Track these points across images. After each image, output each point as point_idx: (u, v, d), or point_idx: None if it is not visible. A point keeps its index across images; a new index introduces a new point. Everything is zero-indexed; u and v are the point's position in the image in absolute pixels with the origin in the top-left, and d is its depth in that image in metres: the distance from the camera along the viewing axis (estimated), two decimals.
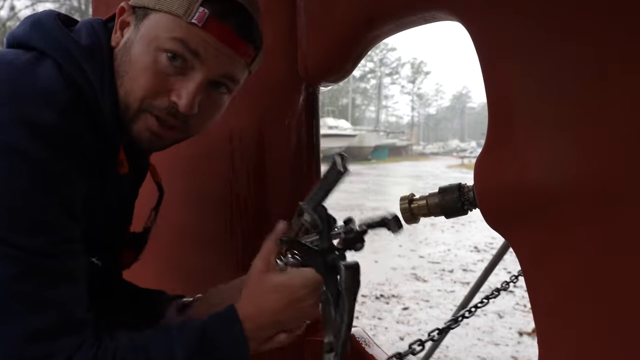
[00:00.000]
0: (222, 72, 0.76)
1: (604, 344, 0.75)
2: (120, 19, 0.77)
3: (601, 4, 0.73)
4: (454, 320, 1.13)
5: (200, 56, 0.73)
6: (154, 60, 0.73)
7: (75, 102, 0.69)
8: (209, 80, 0.75)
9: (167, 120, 0.75)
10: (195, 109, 0.75)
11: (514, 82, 0.82)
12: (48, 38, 0.72)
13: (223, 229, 1.20)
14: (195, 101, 0.74)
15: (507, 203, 0.82)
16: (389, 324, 4.06)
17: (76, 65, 0.71)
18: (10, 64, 0.69)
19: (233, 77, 0.78)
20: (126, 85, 0.74)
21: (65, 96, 0.68)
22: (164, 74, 0.73)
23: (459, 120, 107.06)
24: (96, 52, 0.73)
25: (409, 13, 1.00)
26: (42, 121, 0.63)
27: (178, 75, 0.74)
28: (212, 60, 0.74)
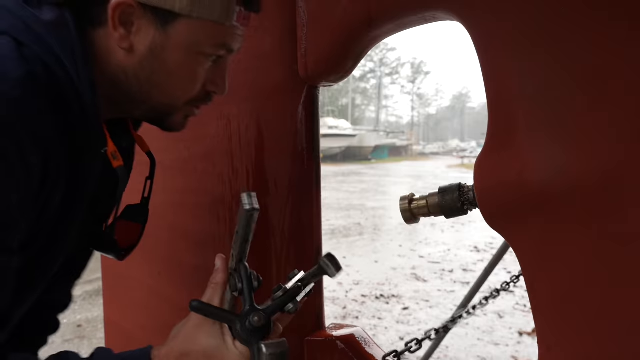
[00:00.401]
0: (237, 49, 0.78)
1: (604, 344, 0.75)
2: (120, 14, 0.67)
3: (601, 4, 0.73)
4: (452, 320, 1.13)
5: (232, 47, 0.76)
6: (198, 67, 0.73)
7: (34, 81, 0.61)
8: None
9: (203, 102, 0.79)
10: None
11: (514, 82, 0.82)
12: (5, 16, 0.65)
13: (223, 229, 1.20)
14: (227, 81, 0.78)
15: (507, 203, 0.82)
16: (389, 324, 4.07)
17: (41, 42, 0.64)
18: None
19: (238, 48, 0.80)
20: (168, 92, 0.74)
21: (20, 73, 0.60)
22: (204, 72, 0.75)
23: (459, 120, 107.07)
24: (61, 27, 0.66)
25: (409, 13, 1.00)
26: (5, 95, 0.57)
27: (211, 66, 0.76)
28: (237, 44, 0.76)
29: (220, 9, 0.69)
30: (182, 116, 0.79)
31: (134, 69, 0.71)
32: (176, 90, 0.74)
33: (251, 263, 1.20)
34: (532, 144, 0.79)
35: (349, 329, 1.22)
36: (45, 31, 0.64)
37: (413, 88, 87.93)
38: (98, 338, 3.57)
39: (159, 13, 0.68)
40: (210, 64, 0.74)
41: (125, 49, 0.70)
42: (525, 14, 0.80)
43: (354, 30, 1.06)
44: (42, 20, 0.65)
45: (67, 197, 0.68)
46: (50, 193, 0.64)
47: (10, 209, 0.58)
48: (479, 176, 0.85)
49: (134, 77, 0.72)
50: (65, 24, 0.66)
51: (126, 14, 0.67)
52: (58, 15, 0.66)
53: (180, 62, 0.71)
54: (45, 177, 0.62)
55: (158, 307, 1.23)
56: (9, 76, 0.59)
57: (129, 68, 0.71)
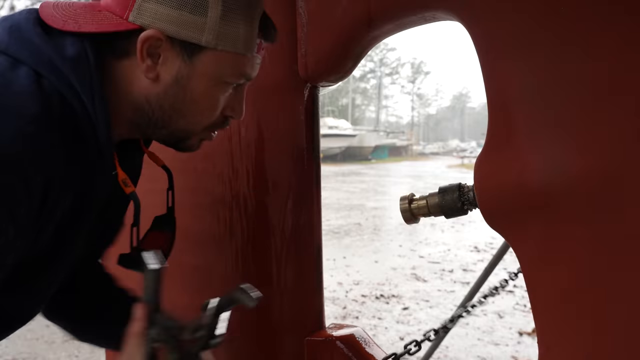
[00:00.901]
0: (254, 76, 0.82)
1: (604, 344, 0.76)
2: (148, 47, 0.71)
3: (601, 3, 0.73)
4: (451, 320, 1.13)
5: (251, 76, 0.80)
6: (220, 95, 0.77)
7: (49, 116, 0.64)
8: None
9: (220, 126, 0.83)
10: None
11: (513, 82, 0.82)
12: (28, 47, 0.67)
13: (223, 229, 1.20)
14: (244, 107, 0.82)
15: (507, 203, 0.82)
16: (389, 324, 4.07)
17: (60, 76, 0.66)
18: None
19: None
20: (189, 118, 0.77)
21: (36, 109, 0.63)
22: (225, 100, 0.79)
23: (459, 120, 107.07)
24: (81, 62, 0.68)
25: (409, 13, 1.00)
26: (2, 134, 0.59)
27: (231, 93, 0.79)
28: (255, 73, 0.80)
29: (243, 42, 0.74)
30: (198, 139, 0.82)
31: (158, 96, 0.75)
32: (197, 117, 0.78)
33: (251, 263, 1.20)
34: (532, 144, 0.79)
35: (349, 329, 1.22)
36: (66, 66, 0.67)
37: (413, 88, 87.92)
38: None
39: (186, 45, 0.72)
40: (230, 92, 0.79)
41: (151, 79, 0.73)
42: (525, 14, 0.80)
43: (354, 30, 1.06)
44: (63, 55, 0.68)
45: (72, 222, 0.71)
46: (50, 221, 0.67)
47: (6, 245, 0.61)
48: (479, 176, 0.85)
49: (156, 104, 0.75)
50: (86, 58, 0.69)
51: (154, 46, 0.71)
52: (79, 49, 0.69)
53: (204, 91, 0.75)
54: (48, 208, 0.65)
55: None
56: (25, 112, 0.62)
57: (153, 96, 0.75)
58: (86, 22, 0.71)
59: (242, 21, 0.74)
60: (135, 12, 0.70)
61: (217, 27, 0.71)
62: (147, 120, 0.77)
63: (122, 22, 0.70)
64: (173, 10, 0.70)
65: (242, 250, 1.20)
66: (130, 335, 0.74)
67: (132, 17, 0.70)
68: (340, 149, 33.08)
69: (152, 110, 0.76)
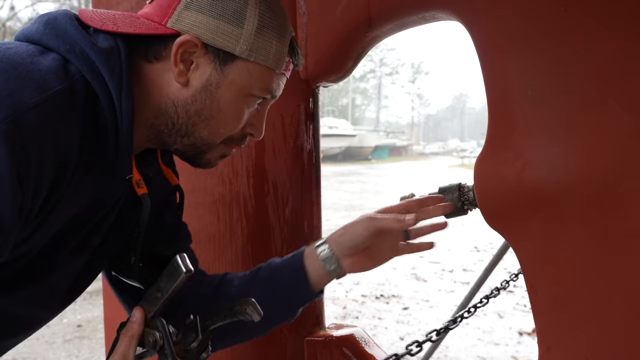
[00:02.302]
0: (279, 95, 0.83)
1: (604, 344, 0.76)
2: (183, 52, 0.72)
3: (601, 3, 0.73)
4: (453, 320, 1.13)
5: (275, 94, 0.81)
6: (244, 107, 0.78)
7: (69, 96, 0.63)
8: None
9: (239, 143, 0.82)
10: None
11: (513, 82, 0.82)
12: (62, 36, 0.69)
13: (223, 229, 1.20)
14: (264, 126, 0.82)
15: (507, 203, 0.82)
16: (389, 324, 4.07)
17: (91, 66, 0.67)
18: (10, 48, 0.64)
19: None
20: (212, 127, 0.77)
21: (59, 86, 0.62)
22: (249, 115, 0.79)
23: (459, 120, 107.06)
24: (113, 56, 0.70)
25: (409, 13, 1.00)
26: (23, 100, 0.58)
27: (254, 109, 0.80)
28: (279, 92, 0.82)
29: (274, 57, 0.76)
30: (217, 155, 0.82)
31: (185, 102, 0.75)
32: (220, 127, 0.77)
33: (251, 263, 1.20)
34: (531, 144, 0.79)
35: (349, 329, 1.22)
36: (97, 57, 0.68)
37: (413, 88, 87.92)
38: (98, 338, 3.57)
39: (219, 53, 0.74)
40: (255, 106, 0.79)
41: (181, 84, 0.74)
42: (525, 14, 0.80)
43: (354, 30, 1.06)
44: (96, 47, 0.69)
45: (80, 214, 0.70)
46: (55, 211, 0.66)
47: (6, 219, 0.58)
48: (479, 176, 0.85)
49: (182, 110, 0.76)
50: (117, 53, 0.70)
51: (188, 52, 0.73)
52: (112, 44, 0.70)
53: (231, 100, 0.76)
54: (56, 194, 0.64)
55: None
56: (47, 86, 0.61)
57: (180, 101, 0.75)
58: (124, 24, 0.73)
59: (275, 38, 0.76)
60: (175, 19, 0.72)
61: (252, 39, 0.74)
62: (171, 126, 0.77)
63: (159, 27, 0.73)
64: (211, 19, 0.72)
65: (242, 250, 1.20)
66: (125, 335, 0.74)
67: (171, 23, 0.73)
68: (340, 149, 33.08)
69: (177, 115, 0.76)
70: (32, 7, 28.95)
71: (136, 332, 0.74)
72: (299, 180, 1.22)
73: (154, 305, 0.75)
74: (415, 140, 59.17)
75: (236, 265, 1.20)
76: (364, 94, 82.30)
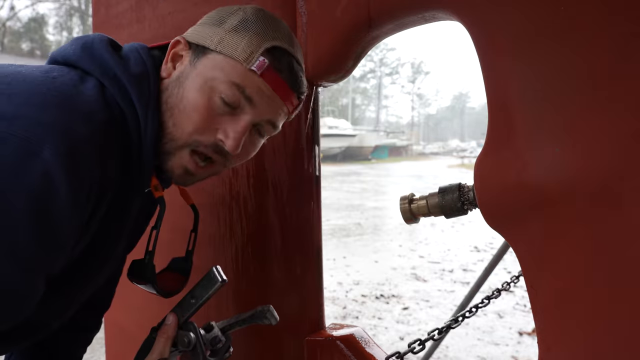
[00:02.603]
0: (268, 118, 0.80)
1: (604, 344, 0.76)
2: (174, 50, 0.80)
3: (601, 4, 0.73)
4: (455, 320, 1.13)
5: (253, 102, 0.78)
6: (208, 99, 0.76)
7: (110, 125, 0.70)
8: (254, 123, 0.79)
9: (211, 155, 0.79)
10: (239, 149, 0.78)
11: (513, 82, 0.82)
12: (98, 62, 0.74)
13: (223, 229, 1.20)
14: (241, 142, 0.78)
15: (507, 203, 0.82)
16: (389, 324, 4.07)
17: (123, 91, 0.73)
18: (56, 79, 0.69)
19: (275, 123, 0.83)
20: (176, 118, 0.77)
21: (103, 117, 0.69)
22: (215, 113, 0.77)
23: (459, 120, 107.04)
24: (143, 80, 0.76)
25: (409, 13, 1.00)
26: (75, 134, 0.63)
27: (227, 115, 0.77)
28: (263, 106, 0.78)
29: (242, 49, 0.77)
30: (179, 162, 0.78)
31: (163, 94, 0.79)
32: (184, 116, 0.76)
33: (251, 263, 1.20)
34: (531, 143, 0.79)
35: (349, 329, 1.22)
36: (130, 82, 0.74)
37: (413, 88, 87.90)
38: (98, 338, 3.56)
39: (197, 49, 0.79)
40: (224, 108, 0.76)
41: (164, 77, 0.80)
42: (525, 14, 0.80)
43: (354, 30, 1.06)
44: (128, 72, 0.75)
45: (110, 228, 0.77)
46: (92, 227, 0.72)
47: (61, 237, 0.65)
48: (479, 176, 0.85)
49: (164, 102, 0.79)
50: (147, 77, 0.77)
51: (177, 53, 0.80)
52: (143, 69, 0.77)
53: (194, 89, 0.76)
54: (97, 213, 0.70)
55: (158, 307, 1.22)
56: (94, 118, 0.68)
57: (164, 94, 0.79)
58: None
59: (248, 37, 0.77)
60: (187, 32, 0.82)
61: (224, 34, 0.78)
62: (164, 128, 0.80)
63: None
64: (200, 26, 0.81)
65: (242, 250, 1.20)
66: (161, 337, 0.82)
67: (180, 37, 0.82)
68: (340, 149, 33.09)
69: (165, 112, 0.79)
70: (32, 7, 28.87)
71: (171, 334, 0.83)
72: (299, 180, 1.22)
73: (187, 310, 0.84)
74: (415, 140, 59.17)
75: (236, 265, 1.20)
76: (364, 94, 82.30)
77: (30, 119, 0.61)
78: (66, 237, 0.65)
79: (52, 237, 0.63)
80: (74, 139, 0.63)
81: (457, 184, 0.92)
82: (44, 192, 0.60)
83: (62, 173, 0.60)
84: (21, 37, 36.88)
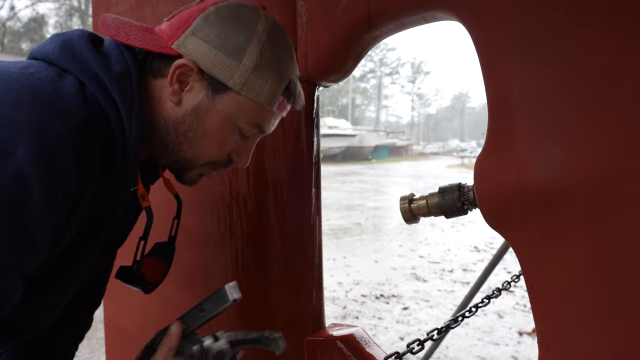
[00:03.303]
0: (270, 131, 0.86)
1: (604, 344, 0.75)
2: (179, 73, 0.77)
3: (601, 4, 0.73)
4: (454, 319, 1.13)
5: (265, 130, 0.84)
6: (229, 136, 0.81)
7: (89, 122, 0.69)
8: None
9: (223, 168, 0.86)
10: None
11: (513, 82, 0.82)
12: (78, 60, 0.73)
13: (223, 229, 1.20)
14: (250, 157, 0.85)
15: (507, 203, 0.82)
16: (389, 324, 4.07)
17: (104, 90, 0.72)
18: (32, 75, 0.68)
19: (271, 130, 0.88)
20: (196, 150, 0.81)
21: (82, 114, 0.68)
22: (234, 144, 0.83)
23: (459, 120, 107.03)
24: (125, 79, 0.75)
25: (408, 13, 1.00)
26: (50, 132, 0.63)
27: (240, 139, 0.83)
28: (270, 127, 0.85)
29: (266, 94, 0.79)
30: (197, 174, 0.86)
31: (175, 121, 0.79)
32: (204, 150, 0.81)
33: (251, 263, 1.20)
34: (531, 144, 0.79)
35: (349, 329, 1.22)
36: (111, 81, 0.73)
37: (413, 88, 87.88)
38: (98, 338, 3.56)
39: (214, 82, 0.78)
40: (240, 137, 0.82)
41: (174, 102, 0.78)
42: (525, 14, 0.80)
43: (354, 30, 1.06)
44: (110, 70, 0.74)
45: (90, 226, 0.76)
46: (73, 228, 0.72)
47: (37, 237, 0.64)
48: (479, 176, 0.85)
49: (172, 127, 0.80)
50: (129, 77, 0.75)
51: (185, 74, 0.77)
52: (124, 68, 0.75)
53: (217, 128, 0.80)
54: (77, 212, 0.69)
55: (158, 307, 1.23)
56: (72, 115, 0.66)
57: (171, 119, 0.79)
58: (136, 38, 0.78)
59: (271, 78, 0.79)
60: (180, 41, 0.77)
61: (247, 75, 0.77)
62: (160, 141, 0.81)
63: (165, 46, 0.77)
64: (213, 50, 0.76)
65: (242, 250, 1.20)
66: (165, 346, 0.82)
67: (176, 45, 0.77)
68: (340, 149, 33.09)
69: (167, 132, 0.80)
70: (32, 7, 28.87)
71: (174, 345, 0.82)
72: (299, 180, 1.22)
73: (195, 322, 0.84)
74: (415, 140, 59.16)
75: (236, 265, 1.20)
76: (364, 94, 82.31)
77: (3, 117, 0.60)
78: (42, 237, 0.64)
79: (26, 236, 0.62)
80: (48, 137, 0.62)
81: (457, 184, 0.92)
82: (16, 192, 0.59)
83: (35, 172, 0.60)
84: (21, 37, 36.90)
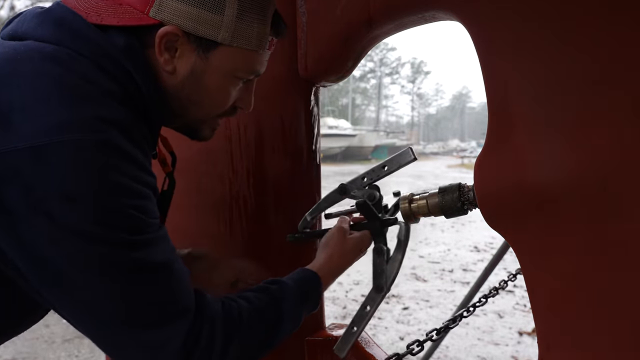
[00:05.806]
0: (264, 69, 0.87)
1: (603, 344, 0.76)
2: (165, 42, 0.75)
3: (601, 4, 0.73)
4: (453, 319, 1.13)
5: (260, 72, 0.84)
6: (232, 88, 0.82)
7: (127, 97, 0.71)
8: None
9: (229, 114, 0.88)
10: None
11: (513, 82, 0.82)
12: (82, 38, 0.71)
13: (223, 229, 1.20)
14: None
15: (507, 203, 0.82)
16: (389, 324, 4.07)
17: (118, 65, 0.72)
18: (53, 59, 0.66)
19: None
20: (204, 108, 0.83)
21: (120, 91, 0.69)
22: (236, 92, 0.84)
23: (459, 120, 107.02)
24: (132, 50, 0.74)
25: (409, 13, 1.00)
26: (118, 115, 0.65)
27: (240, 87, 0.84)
28: (264, 67, 0.85)
29: (256, 39, 0.79)
30: (210, 129, 0.88)
31: (175, 88, 0.79)
32: (211, 108, 0.83)
33: (251, 264, 1.20)
34: (532, 144, 0.79)
35: None
36: (121, 56, 0.72)
37: (413, 88, 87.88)
38: None
39: (202, 41, 0.76)
40: (241, 85, 0.83)
41: (169, 72, 0.77)
42: (524, 14, 0.80)
43: (354, 30, 1.06)
44: (117, 46, 0.73)
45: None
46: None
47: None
48: (479, 176, 0.85)
49: (174, 95, 0.80)
50: (135, 48, 0.74)
51: (171, 41, 0.75)
52: (127, 41, 0.74)
53: (218, 84, 0.80)
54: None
55: None
56: (115, 92, 0.68)
57: (170, 87, 0.79)
58: (108, 15, 0.74)
59: (256, 20, 0.78)
60: (156, 8, 0.73)
61: (233, 25, 0.76)
62: (166, 109, 0.81)
63: (142, 17, 0.74)
64: (192, 8, 0.74)
65: (242, 250, 1.20)
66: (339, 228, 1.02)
67: (153, 12, 0.73)
68: (340, 149, 33.06)
69: (170, 99, 0.80)
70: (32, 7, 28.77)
71: (347, 228, 1.06)
72: (299, 180, 1.22)
73: (377, 175, 1.08)
74: (415, 140, 59.18)
75: None
76: (364, 94, 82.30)
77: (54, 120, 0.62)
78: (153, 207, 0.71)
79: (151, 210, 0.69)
80: (96, 132, 0.63)
81: (457, 184, 0.92)
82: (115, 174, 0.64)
83: (115, 151, 0.63)
84: None
